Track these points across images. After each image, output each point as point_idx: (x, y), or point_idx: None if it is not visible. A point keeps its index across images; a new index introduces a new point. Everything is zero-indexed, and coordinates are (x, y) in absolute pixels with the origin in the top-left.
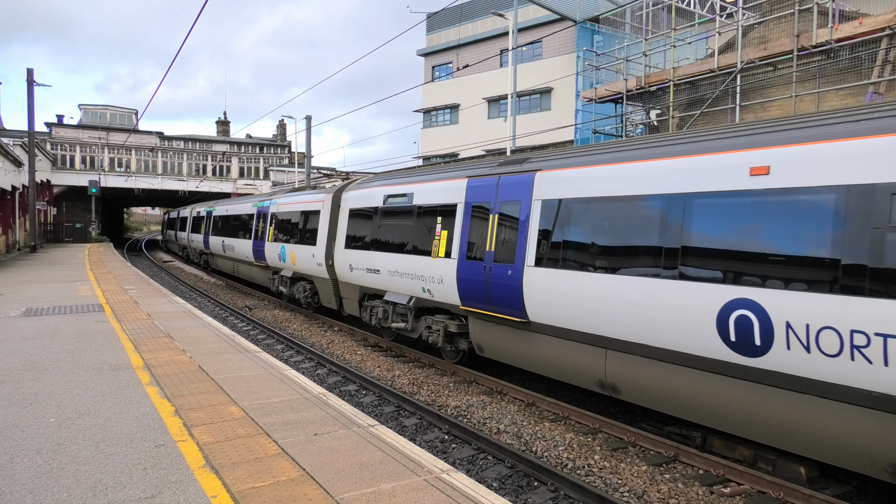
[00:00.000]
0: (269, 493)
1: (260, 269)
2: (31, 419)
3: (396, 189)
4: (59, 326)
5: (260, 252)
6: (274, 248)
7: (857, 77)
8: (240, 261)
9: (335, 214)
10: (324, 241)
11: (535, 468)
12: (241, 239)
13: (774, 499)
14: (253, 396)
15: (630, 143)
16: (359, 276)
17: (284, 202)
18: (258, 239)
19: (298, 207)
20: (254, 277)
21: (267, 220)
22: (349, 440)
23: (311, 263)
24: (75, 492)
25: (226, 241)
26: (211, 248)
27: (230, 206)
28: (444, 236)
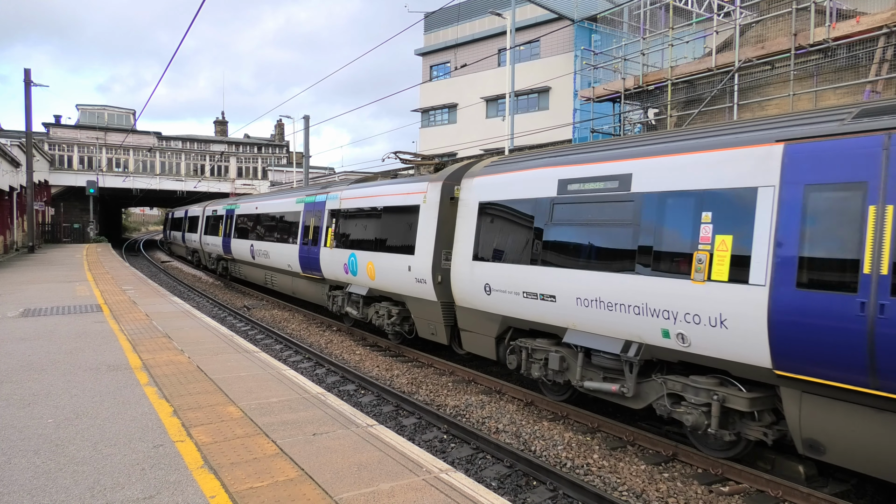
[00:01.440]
0: (268, 493)
1: (309, 283)
2: (29, 420)
3: (588, 170)
4: (57, 327)
5: (311, 261)
6: (336, 256)
7: (855, 76)
8: (276, 270)
9: (448, 211)
10: (428, 248)
11: (534, 467)
12: (280, 243)
13: (773, 497)
14: (251, 396)
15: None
16: (503, 302)
17: (354, 195)
18: (308, 244)
19: (380, 202)
20: (298, 292)
21: (323, 218)
22: (348, 440)
23: (404, 279)
24: (73, 492)
25: (256, 246)
26: (233, 254)
27: (262, 203)
28: (726, 244)
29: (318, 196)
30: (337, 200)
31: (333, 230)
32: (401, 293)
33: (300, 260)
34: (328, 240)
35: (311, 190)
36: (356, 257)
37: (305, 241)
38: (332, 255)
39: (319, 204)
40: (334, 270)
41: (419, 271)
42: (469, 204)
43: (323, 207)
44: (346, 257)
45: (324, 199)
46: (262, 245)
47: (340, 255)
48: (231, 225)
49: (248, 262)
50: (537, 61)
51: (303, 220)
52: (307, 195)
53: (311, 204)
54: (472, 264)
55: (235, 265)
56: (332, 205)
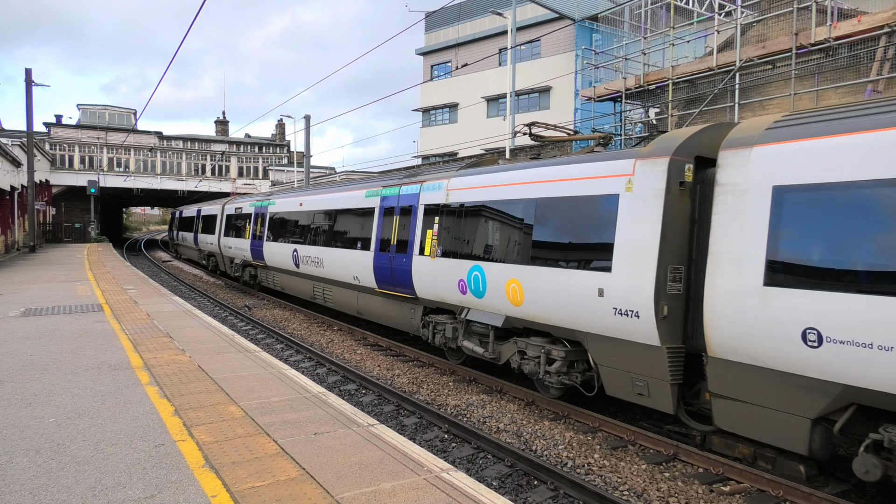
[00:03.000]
0: (269, 492)
1: (389, 302)
2: (30, 419)
3: None
4: (59, 326)
5: (398, 273)
6: (443, 269)
7: (856, 75)
8: (334, 283)
9: (677, 203)
10: (643, 262)
11: (535, 467)
12: (342, 249)
13: (774, 497)
14: (252, 396)
15: None
16: (849, 362)
17: (474, 183)
18: (390, 250)
19: (532, 192)
20: (368, 312)
21: (415, 217)
22: (349, 439)
23: (585, 308)
24: (75, 492)
25: (302, 252)
26: (267, 261)
27: (311, 198)
28: None
29: (404, 187)
30: (440, 192)
31: (436, 233)
32: (575, 327)
33: (376, 272)
34: (427, 246)
35: (389, 179)
36: (484, 272)
37: (385, 246)
38: (434, 268)
39: (408, 198)
40: (438, 288)
41: (623, 298)
42: (745, 190)
43: (415, 202)
44: (464, 271)
45: (415, 192)
46: (312, 251)
47: (451, 268)
48: (263, 225)
49: (289, 272)
50: (538, 61)
51: (379, 220)
52: (384, 186)
53: (390, 198)
54: (767, 292)
55: (268, 274)
56: (430, 198)
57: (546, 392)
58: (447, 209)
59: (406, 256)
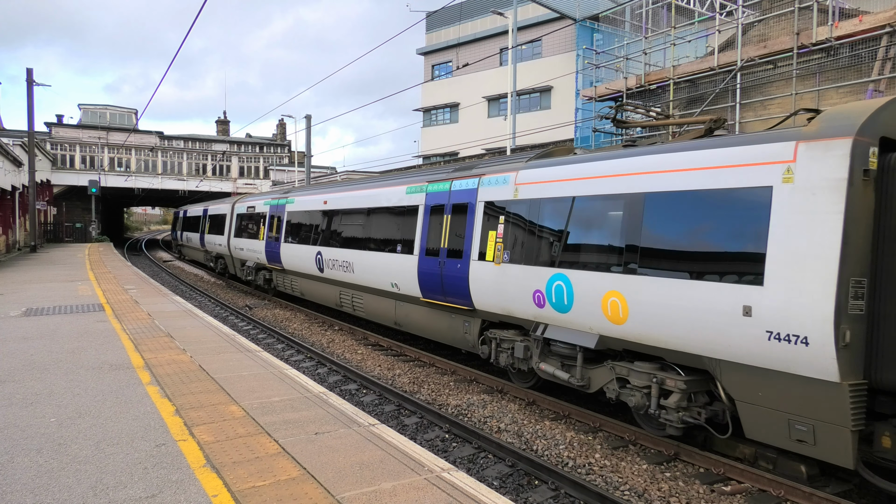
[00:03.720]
0: (270, 492)
1: (436, 313)
2: (31, 419)
3: None
4: (60, 326)
5: (450, 281)
6: (512, 277)
7: (858, 75)
8: (367, 290)
9: (862, 199)
10: (815, 275)
11: (536, 467)
12: (376, 252)
13: (775, 497)
14: (253, 395)
15: None
16: None
17: (551, 176)
18: (439, 254)
19: (633, 185)
20: (409, 324)
21: (473, 217)
22: (350, 439)
23: (719, 329)
24: (76, 491)
25: (327, 255)
26: (284, 264)
27: (338, 195)
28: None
29: (456, 182)
30: (506, 187)
31: (501, 235)
32: (703, 353)
33: (421, 279)
34: (490, 250)
35: (436, 173)
36: (570, 282)
37: (432, 250)
38: (499, 276)
39: (462, 194)
40: (504, 300)
41: (782, 319)
42: None
43: (470, 199)
44: (542, 280)
45: (470, 187)
46: (340, 254)
47: (523, 277)
48: (280, 225)
49: (311, 276)
50: (539, 60)
51: (424, 220)
52: (430, 181)
53: (439, 195)
54: None
55: (286, 278)
56: (492, 194)
57: (656, 429)
58: (516, 207)
59: (461, 262)
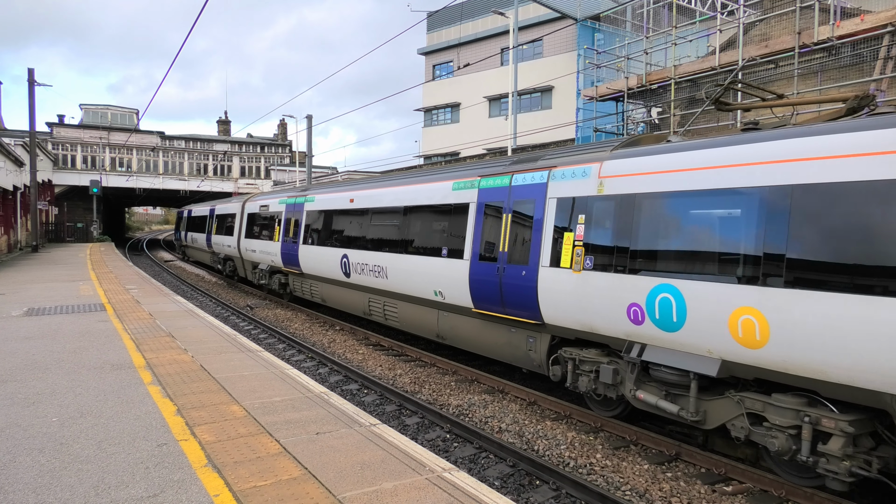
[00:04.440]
0: (271, 491)
1: (490, 327)
2: (33, 418)
3: None
4: (61, 326)
5: (511, 290)
6: (594, 287)
7: (859, 74)
8: (402, 298)
9: None
10: None
11: (537, 467)
12: (414, 256)
13: (776, 497)
14: (255, 395)
15: None
16: None
17: (661, 163)
18: (497, 258)
19: (776, 176)
20: (455, 336)
21: (542, 214)
22: (351, 439)
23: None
24: (78, 491)
25: (355, 258)
26: (303, 267)
27: (364, 193)
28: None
29: (518, 176)
30: (587, 181)
31: (581, 236)
32: (885, 388)
33: (474, 287)
34: (566, 255)
35: (488, 166)
36: (681, 294)
37: (488, 254)
38: (580, 286)
39: (527, 189)
40: (585, 313)
41: None
42: None
43: (538, 195)
44: (641, 292)
45: (538, 181)
46: (371, 258)
47: (615, 287)
48: (298, 226)
49: (335, 282)
50: (540, 60)
51: (477, 219)
52: (483, 175)
53: (495, 190)
54: None
55: (304, 283)
56: (568, 189)
57: (804, 479)
58: (602, 204)
59: (526, 268)
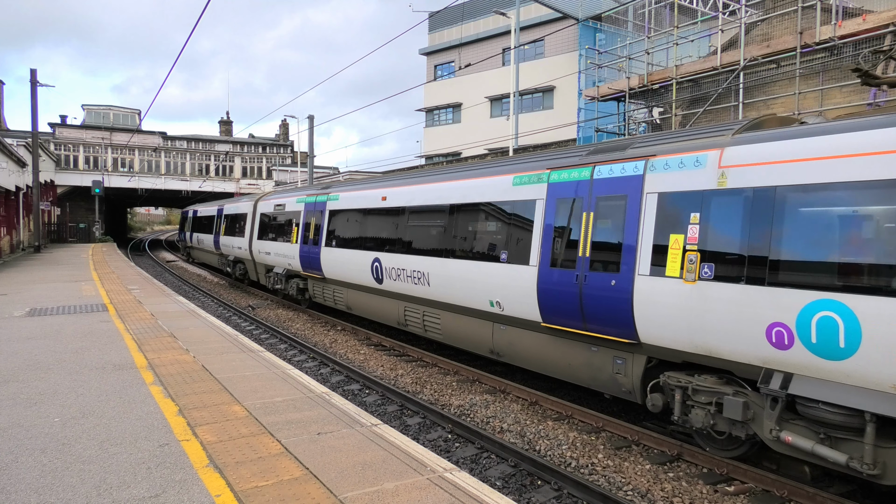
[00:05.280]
0: (273, 492)
1: (564, 344)
2: (35, 418)
3: None
4: (63, 326)
5: (598, 303)
6: (715, 300)
7: None
8: (447, 307)
9: None
10: None
11: (539, 467)
12: (464, 260)
13: (778, 497)
14: (256, 396)
15: None
16: None
17: (817, 147)
18: (574, 264)
19: None
20: (524, 356)
21: (636, 211)
22: (352, 439)
23: None
24: (80, 491)
25: (388, 262)
26: (326, 272)
27: (401, 190)
28: None
29: (602, 168)
30: (701, 171)
31: (695, 238)
32: None
33: (544, 297)
34: (673, 261)
35: (559, 157)
36: (855, 314)
37: (562, 259)
38: (697, 299)
39: (614, 183)
40: (701, 332)
41: None
42: None
43: (631, 189)
44: (788, 309)
45: (631, 173)
46: (409, 262)
47: (748, 301)
48: (320, 226)
49: (364, 288)
50: (541, 60)
51: (547, 218)
52: (554, 168)
53: (572, 185)
54: None
55: (327, 289)
56: (674, 181)
57: None
58: (724, 199)
59: (617, 276)
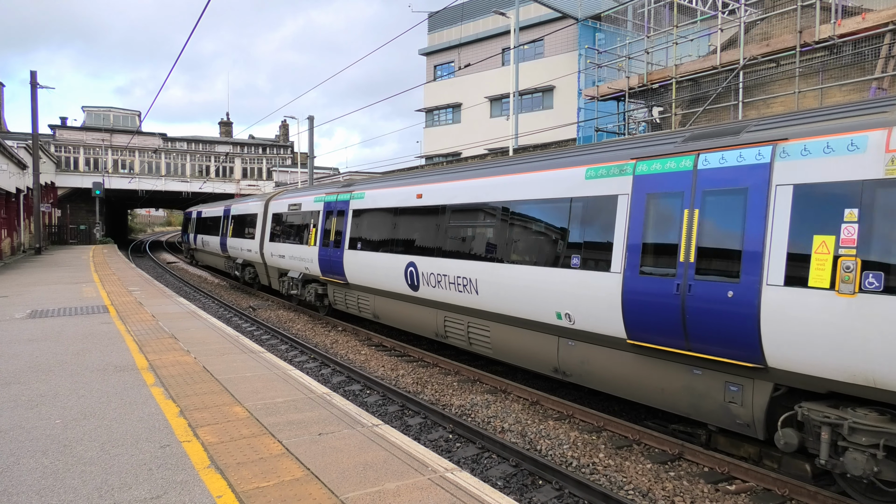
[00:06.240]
0: (274, 492)
1: (657, 365)
2: (37, 420)
3: None
4: (65, 328)
5: (705, 317)
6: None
7: (861, 73)
8: (499, 318)
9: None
10: None
11: (540, 467)
12: (522, 266)
13: (780, 496)
14: (257, 397)
15: None
16: None
17: None
18: (675, 272)
19: None
20: (601, 377)
21: (764, 209)
22: (353, 440)
23: None
24: (81, 492)
25: (425, 267)
26: (349, 276)
27: (440, 186)
28: None
29: (711, 156)
30: (859, 158)
31: (856, 241)
32: None
33: (632, 309)
34: (824, 270)
35: (647, 144)
36: None
37: (655, 263)
38: (856, 317)
39: (731, 173)
40: (861, 358)
41: None
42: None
43: (755, 180)
44: None
45: (755, 162)
46: (452, 267)
47: None
48: (343, 227)
49: (396, 295)
50: (541, 60)
51: (634, 216)
52: (642, 157)
53: (668, 177)
54: None
55: (349, 295)
56: (815, 171)
57: None
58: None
59: (737, 286)
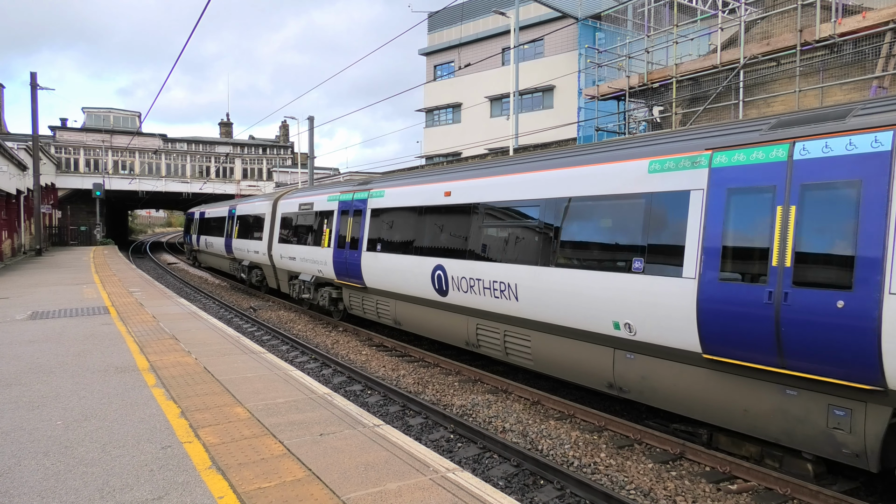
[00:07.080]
0: (276, 493)
1: (740, 385)
2: (38, 422)
3: None
4: (65, 329)
5: (807, 332)
6: None
7: (861, 71)
8: (541, 326)
9: None
10: None
11: (541, 466)
12: (571, 269)
13: (781, 495)
14: (258, 397)
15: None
16: None
17: None
18: (766, 279)
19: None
20: (670, 396)
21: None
22: (355, 440)
23: None
24: (83, 494)
25: (455, 271)
26: (368, 280)
27: (471, 183)
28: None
29: (810, 143)
30: None
31: None
32: None
33: (709, 320)
34: None
35: (729, 132)
36: None
37: (738, 270)
38: None
39: (836, 164)
40: None
41: None
42: None
43: (874, 173)
44: None
45: (871, 150)
46: (485, 270)
47: None
48: (361, 228)
49: (421, 300)
50: (541, 60)
51: (711, 214)
52: (718, 148)
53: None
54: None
55: (367, 299)
56: None
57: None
58: None
59: (849, 296)
